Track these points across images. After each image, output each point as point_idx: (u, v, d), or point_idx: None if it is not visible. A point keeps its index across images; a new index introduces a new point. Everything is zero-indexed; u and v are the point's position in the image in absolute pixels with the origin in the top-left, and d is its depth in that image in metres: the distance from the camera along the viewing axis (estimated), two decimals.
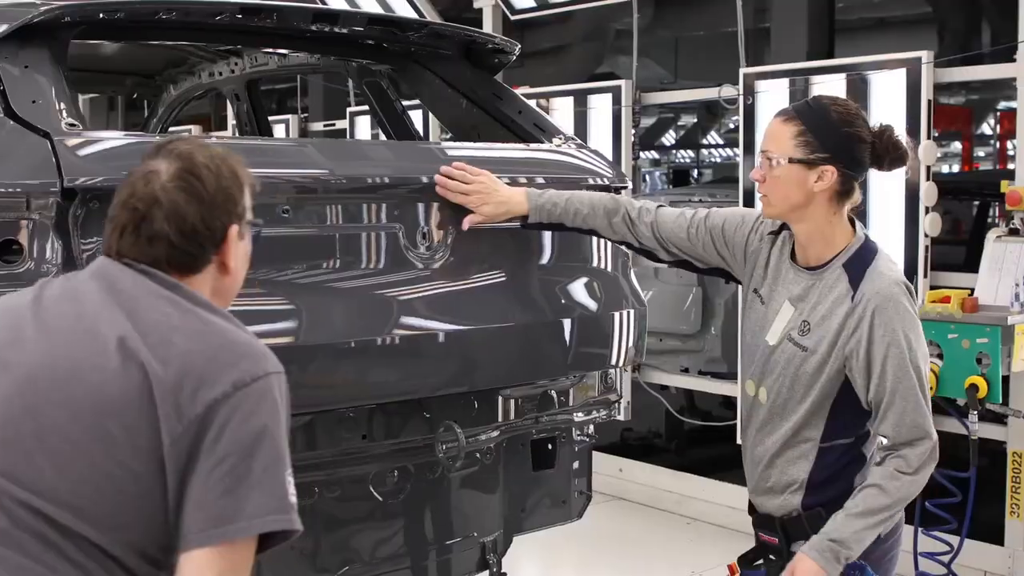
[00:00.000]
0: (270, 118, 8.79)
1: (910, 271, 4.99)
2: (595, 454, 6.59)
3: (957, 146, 12.28)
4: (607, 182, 3.51)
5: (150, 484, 1.78)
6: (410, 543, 3.27)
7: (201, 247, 1.95)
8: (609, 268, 3.50)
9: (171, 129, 8.37)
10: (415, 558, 3.27)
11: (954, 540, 4.51)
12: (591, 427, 3.64)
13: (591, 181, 3.47)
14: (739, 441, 3.02)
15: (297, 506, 1.82)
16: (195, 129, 8.60)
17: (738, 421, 5.16)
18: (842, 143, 2.60)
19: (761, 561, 2.80)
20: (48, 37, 2.91)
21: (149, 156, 1.98)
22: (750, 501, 2.87)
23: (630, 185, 3.61)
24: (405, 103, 4.33)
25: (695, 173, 15.79)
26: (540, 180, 3.27)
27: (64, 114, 2.71)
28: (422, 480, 3.24)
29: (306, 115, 8.85)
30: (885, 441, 2.60)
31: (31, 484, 1.78)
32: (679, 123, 15.89)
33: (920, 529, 4.56)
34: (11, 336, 1.89)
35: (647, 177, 16.55)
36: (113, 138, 2.76)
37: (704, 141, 16.87)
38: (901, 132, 2.68)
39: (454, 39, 3.66)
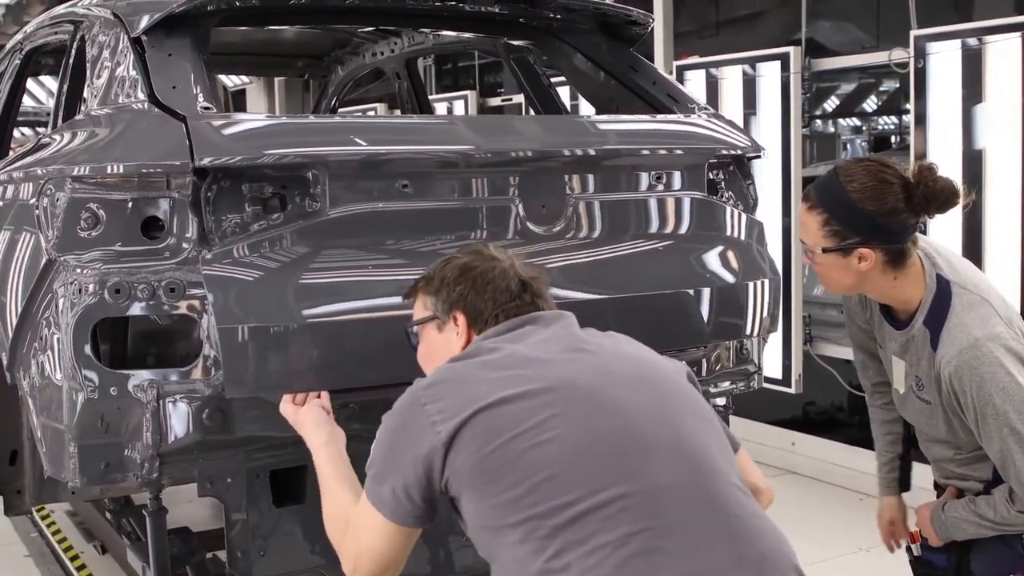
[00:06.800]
0: (449, 94, 9.05)
1: None
2: (767, 427, 6.59)
3: None
4: (739, 152, 3.48)
5: None
6: None
7: None
8: (743, 237, 3.46)
9: (358, 109, 8.70)
10: None
11: None
12: (727, 398, 3.63)
13: (723, 152, 3.45)
14: None
15: None
16: (380, 108, 8.87)
17: None
18: (869, 223, 2.43)
19: None
20: (191, 25, 3.10)
21: None
22: (935, 480, 2.83)
23: (763, 154, 3.54)
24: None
25: (895, 139, 15.19)
26: (662, 152, 3.29)
27: (200, 98, 2.89)
28: None
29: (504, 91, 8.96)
30: None
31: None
32: (881, 88, 15.31)
33: None
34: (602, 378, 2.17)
35: (848, 145, 16.02)
36: (241, 120, 2.92)
37: (907, 107, 16.16)
38: (945, 172, 2.44)
39: (586, 12, 3.69)
